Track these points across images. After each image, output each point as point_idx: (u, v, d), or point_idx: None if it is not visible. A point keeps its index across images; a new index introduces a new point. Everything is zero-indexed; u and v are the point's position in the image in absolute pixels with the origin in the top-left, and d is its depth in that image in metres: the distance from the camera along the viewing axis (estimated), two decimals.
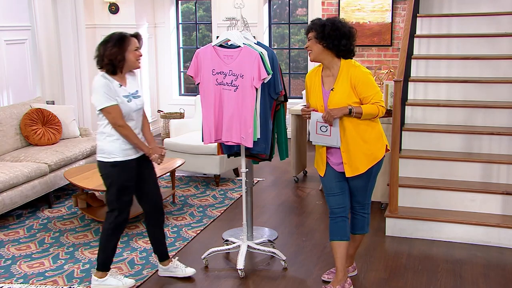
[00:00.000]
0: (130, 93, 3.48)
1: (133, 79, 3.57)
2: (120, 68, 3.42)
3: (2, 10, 6.07)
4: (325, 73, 3.43)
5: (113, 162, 3.46)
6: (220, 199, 5.46)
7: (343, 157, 3.39)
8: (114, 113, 3.38)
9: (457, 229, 4.36)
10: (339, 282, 3.50)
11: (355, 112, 3.28)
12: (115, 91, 3.39)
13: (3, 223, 4.85)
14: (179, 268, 3.78)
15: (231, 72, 3.69)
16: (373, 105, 3.31)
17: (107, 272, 3.61)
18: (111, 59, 3.37)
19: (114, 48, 3.36)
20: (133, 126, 3.50)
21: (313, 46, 3.37)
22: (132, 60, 3.45)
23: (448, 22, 5.71)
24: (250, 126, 3.67)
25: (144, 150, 3.52)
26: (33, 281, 3.78)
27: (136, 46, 3.45)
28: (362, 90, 3.31)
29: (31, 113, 5.70)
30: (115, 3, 7.72)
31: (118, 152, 3.45)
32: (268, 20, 8.11)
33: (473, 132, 4.83)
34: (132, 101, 3.48)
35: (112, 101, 3.38)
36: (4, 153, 5.41)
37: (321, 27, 3.32)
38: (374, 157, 3.41)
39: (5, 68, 6.13)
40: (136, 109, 3.51)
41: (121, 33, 3.44)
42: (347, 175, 3.41)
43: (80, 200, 4.98)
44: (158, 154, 3.55)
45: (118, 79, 3.44)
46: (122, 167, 3.47)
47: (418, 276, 3.81)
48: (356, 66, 3.36)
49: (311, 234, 4.58)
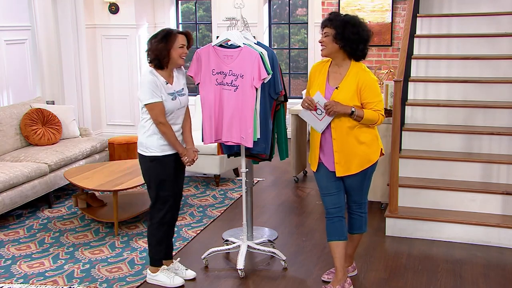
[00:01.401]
0: (175, 90, 3.53)
1: (180, 77, 3.61)
2: (165, 64, 3.47)
3: (2, 10, 6.07)
4: (332, 69, 3.40)
5: (151, 156, 3.53)
6: (220, 199, 5.47)
7: (336, 157, 3.37)
8: (157, 109, 3.45)
9: (457, 229, 4.36)
10: (339, 282, 3.50)
11: (356, 115, 3.27)
12: (161, 88, 3.44)
13: (3, 223, 4.85)
14: (179, 270, 3.78)
15: (231, 72, 3.69)
16: (374, 112, 3.31)
17: (158, 268, 3.68)
18: (156, 54, 3.43)
19: (160, 44, 3.42)
20: (175, 123, 3.54)
21: (328, 43, 3.30)
22: (175, 58, 3.47)
23: (448, 22, 5.71)
24: (250, 126, 3.67)
25: (178, 150, 3.55)
26: (33, 281, 3.78)
27: (182, 44, 3.47)
28: (367, 95, 3.30)
29: (31, 113, 5.70)
30: (115, 3, 7.72)
31: (155, 147, 3.52)
32: (268, 20, 8.11)
33: (473, 132, 4.83)
34: (177, 98, 3.52)
35: (157, 98, 3.44)
36: (4, 153, 5.41)
37: (342, 28, 3.24)
38: (368, 160, 3.40)
39: (5, 68, 6.13)
40: (180, 107, 3.55)
41: (169, 30, 3.49)
42: (338, 175, 3.40)
43: (80, 200, 4.99)
44: (190, 158, 3.57)
45: (164, 76, 3.49)
46: (159, 162, 3.53)
47: (418, 276, 3.81)
48: (366, 71, 3.35)
49: (311, 234, 4.58)
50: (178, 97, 3.54)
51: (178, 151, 3.55)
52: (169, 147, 3.54)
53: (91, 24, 7.69)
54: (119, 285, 3.70)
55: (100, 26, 7.81)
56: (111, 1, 7.71)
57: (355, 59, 3.37)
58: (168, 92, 3.49)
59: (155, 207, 3.61)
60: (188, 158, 3.57)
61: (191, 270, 3.80)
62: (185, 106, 3.63)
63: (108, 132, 7.79)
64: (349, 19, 3.29)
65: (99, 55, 7.86)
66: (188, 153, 3.58)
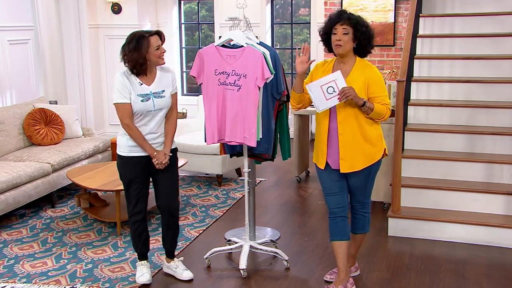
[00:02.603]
0: (151, 92, 3.50)
1: (164, 77, 3.58)
2: (143, 71, 3.47)
3: (5, 10, 6.08)
4: (337, 66, 3.40)
5: (120, 155, 3.58)
6: (222, 199, 5.47)
7: (341, 152, 3.37)
8: (123, 111, 3.46)
9: (459, 229, 4.36)
10: (341, 282, 3.51)
11: (367, 107, 3.27)
12: (130, 90, 3.43)
13: (6, 223, 4.86)
14: (178, 269, 3.80)
15: (234, 72, 3.69)
16: (382, 105, 3.32)
17: (139, 261, 3.77)
18: (134, 64, 3.42)
19: (134, 54, 3.38)
20: (146, 125, 3.52)
21: (348, 43, 3.29)
22: (154, 60, 3.47)
23: (451, 22, 5.70)
24: (254, 125, 3.67)
25: (148, 152, 3.54)
26: (36, 280, 3.79)
27: (157, 45, 3.45)
28: (375, 90, 3.31)
29: (34, 113, 5.71)
30: (117, 3, 7.73)
31: (124, 148, 3.55)
32: (270, 20, 8.11)
33: (476, 132, 4.82)
34: (151, 100, 3.48)
35: (124, 99, 3.44)
36: (7, 153, 5.43)
37: (359, 26, 3.26)
38: (372, 158, 3.41)
39: (8, 68, 6.14)
40: (153, 109, 3.51)
41: (139, 36, 3.41)
42: (342, 171, 3.40)
43: (82, 200, 5.00)
44: (159, 161, 3.55)
45: (142, 77, 3.48)
46: (126, 162, 3.56)
47: (420, 276, 3.81)
48: (371, 66, 3.38)
49: (313, 234, 4.58)
50: (153, 99, 3.49)
51: (147, 153, 3.54)
52: (138, 149, 3.53)
53: (94, 24, 7.70)
54: (122, 284, 3.71)
55: (103, 26, 7.82)
56: (114, 1, 7.72)
57: (361, 56, 3.39)
58: (139, 93, 3.46)
59: (128, 204, 3.65)
60: (157, 160, 3.54)
61: (189, 272, 3.79)
62: (163, 109, 3.57)
63: (110, 132, 7.80)
64: (361, 18, 3.34)
65: (102, 55, 7.87)
66: (158, 155, 3.54)
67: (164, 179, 3.66)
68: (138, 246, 3.74)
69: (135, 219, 3.66)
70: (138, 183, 3.58)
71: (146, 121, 3.53)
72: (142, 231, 3.70)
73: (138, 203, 3.63)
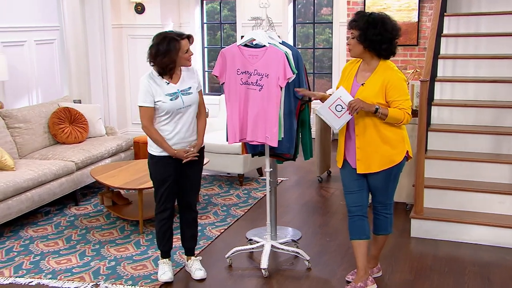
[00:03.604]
0: (179, 90, 3.53)
1: (189, 75, 3.61)
2: (170, 73, 3.50)
3: (32, 11, 6.19)
4: (362, 67, 3.40)
5: (151, 154, 3.62)
6: (244, 199, 5.47)
7: (357, 153, 3.37)
8: (143, 113, 3.52)
9: (484, 231, 4.29)
10: (360, 280, 3.50)
11: (380, 113, 3.24)
12: (155, 93, 3.47)
13: (32, 220, 4.94)
14: (192, 268, 3.83)
15: (256, 72, 3.69)
16: (400, 110, 3.27)
17: (162, 259, 3.80)
18: (162, 67, 3.46)
19: (165, 57, 3.41)
20: (180, 122, 3.55)
21: (355, 46, 3.32)
22: (183, 63, 3.52)
23: (477, 21, 5.61)
24: (275, 125, 3.67)
25: (168, 152, 3.57)
26: (61, 277, 3.85)
27: (187, 49, 3.48)
28: (392, 94, 3.27)
29: (59, 111, 5.79)
30: (141, 3, 7.80)
31: (156, 147, 3.59)
32: (292, 19, 8.09)
33: (502, 133, 4.74)
34: (179, 98, 3.52)
35: (147, 103, 3.49)
36: (33, 151, 5.51)
37: (365, 29, 3.25)
38: (391, 160, 3.36)
39: (35, 68, 6.24)
40: (183, 106, 3.54)
41: (170, 38, 3.42)
42: (358, 171, 3.39)
43: (106, 198, 5.05)
44: (182, 158, 3.58)
45: (167, 77, 3.51)
46: (157, 161, 3.60)
47: (444, 278, 3.76)
48: (393, 69, 3.33)
49: (335, 234, 4.56)
50: (181, 97, 3.53)
51: (168, 153, 3.56)
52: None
53: (117, 24, 7.77)
54: (144, 282, 3.74)
55: (126, 26, 7.89)
56: (137, 1, 7.78)
57: (383, 58, 3.35)
58: (167, 93, 3.49)
59: (156, 203, 3.68)
60: (181, 157, 3.56)
61: (202, 272, 3.79)
62: (192, 105, 3.60)
63: (133, 131, 7.86)
64: (373, 19, 3.27)
65: (125, 55, 7.95)
66: (178, 154, 3.56)
67: (188, 176, 3.69)
68: (162, 243, 3.76)
69: (161, 216, 3.68)
70: (168, 182, 3.61)
71: (177, 119, 3.56)
72: (167, 229, 3.73)
73: (166, 202, 3.65)
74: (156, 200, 3.67)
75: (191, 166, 3.65)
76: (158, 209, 3.68)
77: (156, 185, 3.65)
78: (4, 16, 5.75)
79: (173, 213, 3.75)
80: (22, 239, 4.53)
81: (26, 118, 5.50)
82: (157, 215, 3.70)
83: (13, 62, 5.77)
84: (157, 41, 3.43)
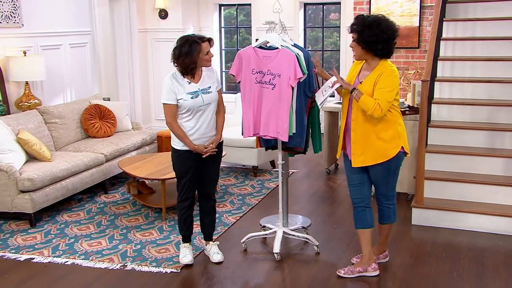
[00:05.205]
0: (199, 88, 3.53)
1: (209, 75, 3.61)
2: (191, 73, 3.50)
3: (67, 17, 6.23)
4: (364, 67, 3.39)
5: (174, 148, 3.62)
6: (258, 189, 5.47)
7: (352, 148, 3.36)
8: (167, 110, 3.52)
9: (481, 219, 4.25)
10: (362, 265, 3.51)
11: (355, 94, 3.24)
12: (177, 91, 3.47)
13: (67, 206, 4.99)
14: (211, 251, 3.84)
15: (269, 72, 3.68)
16: (372, 99, 3.20)
17: (183, 243, 3.80)
18: (184, 67, 3.46)
19: (186, 58, 3.42)
20: (201, 119, 3.55)
21: (355, 48, 3.32)
22: (203, 64, 3.51)
23: (473, 26, 5.55)
24: (286, 121, 3.66)
25: (189, 147, 3.57)
26: (92, 258, 3.89)
27: (207, 51, 3.48)
28: (379, 84, 3.22)
29: (90, 108, 5.83)
30: (164, 9, 7.81)
31: (178, 141, 3.58)
32: (303, 24, 8.04)
33: (496, 129, 4.68)
34: (200, 96, 3.52)
35: (169, 100, 3.49)
36: (67, 144, 5.56)
37: (361, 32, 3.24)
38: (385, 155, 3.32)
39: (69, 69, 6.28)
40: (203, 104, 3.54)
41: (192, 41, 3.42)
42: (353, 165, 3.38)
43: (132, 187, 5.08)
44: (201, 153, 3.58)
45: (189, 77, 3.52)
46: (179, 155, 3.60)
47: (442, 263, 3.74)
48: (390, 69, 3.27)
49: (341, 222, 4.54)
50: (202, 95, 3.53)
51: (189, 147, 3.56)
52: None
53: (143, 28, 7.80)
54: (167, 264, 3.77)
55: (150, 30, 7.91)
56: (161, 7, 7.79)
57: (380, 57, 3.32)
58: (188, 92, 3.49)
59: (178, 192, 3.67)
60: (200, 152, 3.56)
61: (220, 255, 3.79)
62: (212, 103, 3.59)
63: (157, 126, 7.90)
64: (368, 22, 3.23)
65: (150, 57, 7.97)
66: (198, 149, 3.56)
67: (207, 168, 3.70)
68: (183, 229, 3.78)
69: (183, 205, 3.70)
70: (189, 173, 3.62)
71: (198, 116, 3.56)
72: (188, 216, 3.74)
73: (188, 191, 3.66)
74: (178, 190, 3.69)
75: (210, 159, 3.65)
76: (180, 198, 3.69)
77: (178, 176, 3.66)
78: (43, 22, 5.82)
79: (193, 202, 3.76)
80: (58, 223, 4.58)
81: (61, 114, 5.54)
82: (179, 204, 3.71)
83: (50, 64, 5.82)
84: (180, 44, 3.44)
